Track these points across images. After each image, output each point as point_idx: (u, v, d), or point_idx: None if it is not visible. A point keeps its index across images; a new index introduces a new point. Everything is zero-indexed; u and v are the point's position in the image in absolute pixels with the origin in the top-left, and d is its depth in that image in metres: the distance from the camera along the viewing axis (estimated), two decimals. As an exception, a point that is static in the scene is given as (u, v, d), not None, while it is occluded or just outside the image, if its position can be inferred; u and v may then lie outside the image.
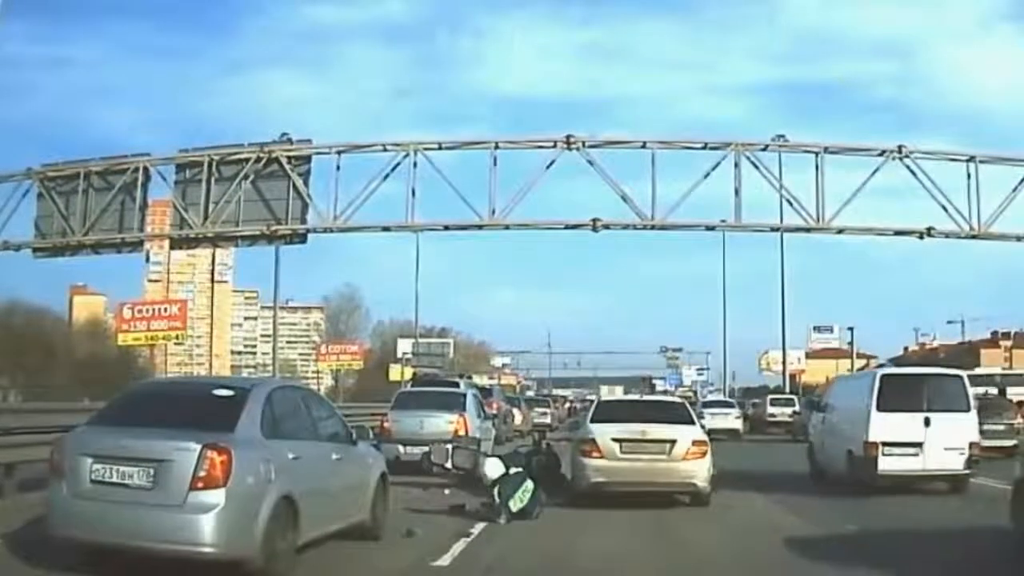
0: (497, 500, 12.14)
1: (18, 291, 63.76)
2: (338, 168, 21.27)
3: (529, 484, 12.50)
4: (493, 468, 13.10)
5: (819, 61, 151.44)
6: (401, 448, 17.92)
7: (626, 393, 49.25)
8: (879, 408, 14.77)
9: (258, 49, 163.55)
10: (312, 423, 8.98)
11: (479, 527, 11.32)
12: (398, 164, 20.95)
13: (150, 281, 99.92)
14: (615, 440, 13.48)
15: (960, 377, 15.83)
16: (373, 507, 9.89)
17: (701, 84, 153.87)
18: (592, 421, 14.33)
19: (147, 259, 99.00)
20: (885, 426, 14.66)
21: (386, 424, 19.31)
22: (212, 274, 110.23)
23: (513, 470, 12.99)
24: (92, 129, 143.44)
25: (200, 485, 7.00)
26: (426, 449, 15.50)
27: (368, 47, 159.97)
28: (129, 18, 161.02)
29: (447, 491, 14.32)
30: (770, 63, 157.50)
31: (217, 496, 7.02)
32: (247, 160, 21.30)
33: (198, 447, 7.07)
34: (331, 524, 8.85)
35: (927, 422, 14.61)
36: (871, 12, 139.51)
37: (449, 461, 14.47)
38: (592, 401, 17.96)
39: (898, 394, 14.92)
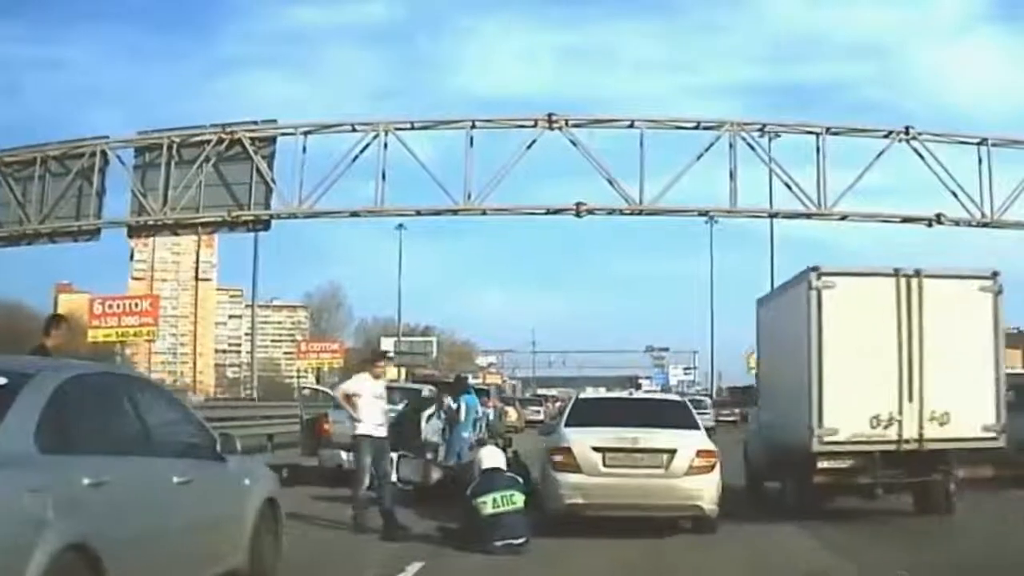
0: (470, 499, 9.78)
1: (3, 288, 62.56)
2: (304, 150, 20.21)
3: (517, 495, 9.96)
4: (491, 457, 10.60)
5: (806, 63, 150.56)
6: (343, 455, 14.67)
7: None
8: None
9: (238, 51, 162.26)
10: (141, 430, 6.10)
11: (414, 569, 8.60)
12: (368, 145, 19.79)
13: (134, 279, 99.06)
14: (597, 449, 10.61)
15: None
16: (252, 549, 7.00)
17: (685, 86, 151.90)
18: (567, 425, 11.53)
19: (131, 256, 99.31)
20: None
21: (326, 426, 16.12)
22: (196, 272, 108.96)
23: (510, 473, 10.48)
24: (78, 129, 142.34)
25: None
26: None
27: (349, 49, 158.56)
28: (112, 19, 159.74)
29: None
30: (756, 64, 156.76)
31: None
32: (209, 142, 20.33)
33: None
34: None
35: None
36: (858, 13, 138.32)
37: (394, 473, 11.80)
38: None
39: None
